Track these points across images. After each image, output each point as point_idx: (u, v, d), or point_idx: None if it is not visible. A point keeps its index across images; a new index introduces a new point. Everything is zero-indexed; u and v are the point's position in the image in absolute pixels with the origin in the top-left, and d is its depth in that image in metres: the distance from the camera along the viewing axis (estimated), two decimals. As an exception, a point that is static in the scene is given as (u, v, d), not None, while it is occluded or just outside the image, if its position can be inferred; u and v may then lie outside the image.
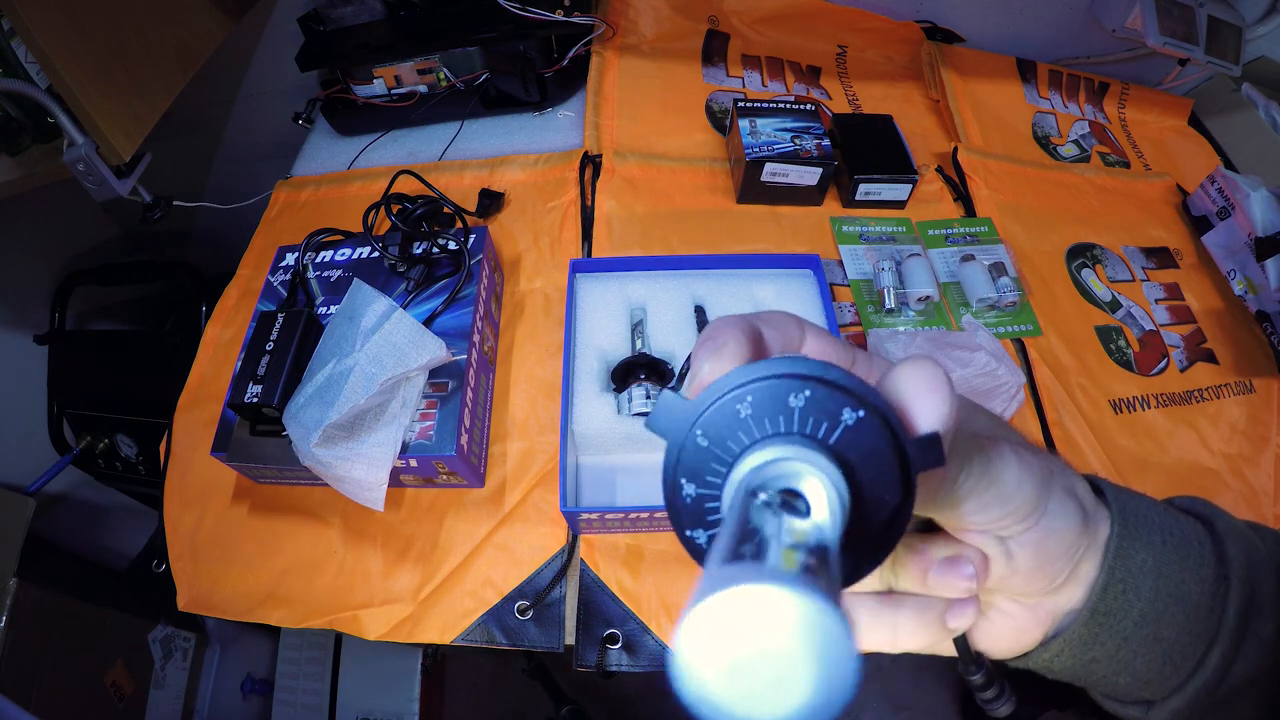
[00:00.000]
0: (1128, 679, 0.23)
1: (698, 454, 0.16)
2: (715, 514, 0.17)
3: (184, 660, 1.04)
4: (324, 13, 0.77)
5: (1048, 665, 0.24)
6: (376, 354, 0.48)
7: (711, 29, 0.90)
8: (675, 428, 0.16)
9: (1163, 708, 0.24)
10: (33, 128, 0.69)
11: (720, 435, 0.16)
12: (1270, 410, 0.68)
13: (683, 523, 0.17)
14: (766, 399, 0.15)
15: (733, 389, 0.16)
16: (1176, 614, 0.22)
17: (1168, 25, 0.80)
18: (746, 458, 0.15)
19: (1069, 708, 1.11)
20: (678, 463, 0.16)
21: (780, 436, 0.16)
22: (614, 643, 0.50)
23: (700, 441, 0.16)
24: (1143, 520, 0.23)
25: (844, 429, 0.15)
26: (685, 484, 0.16)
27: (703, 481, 0.16)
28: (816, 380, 0.15)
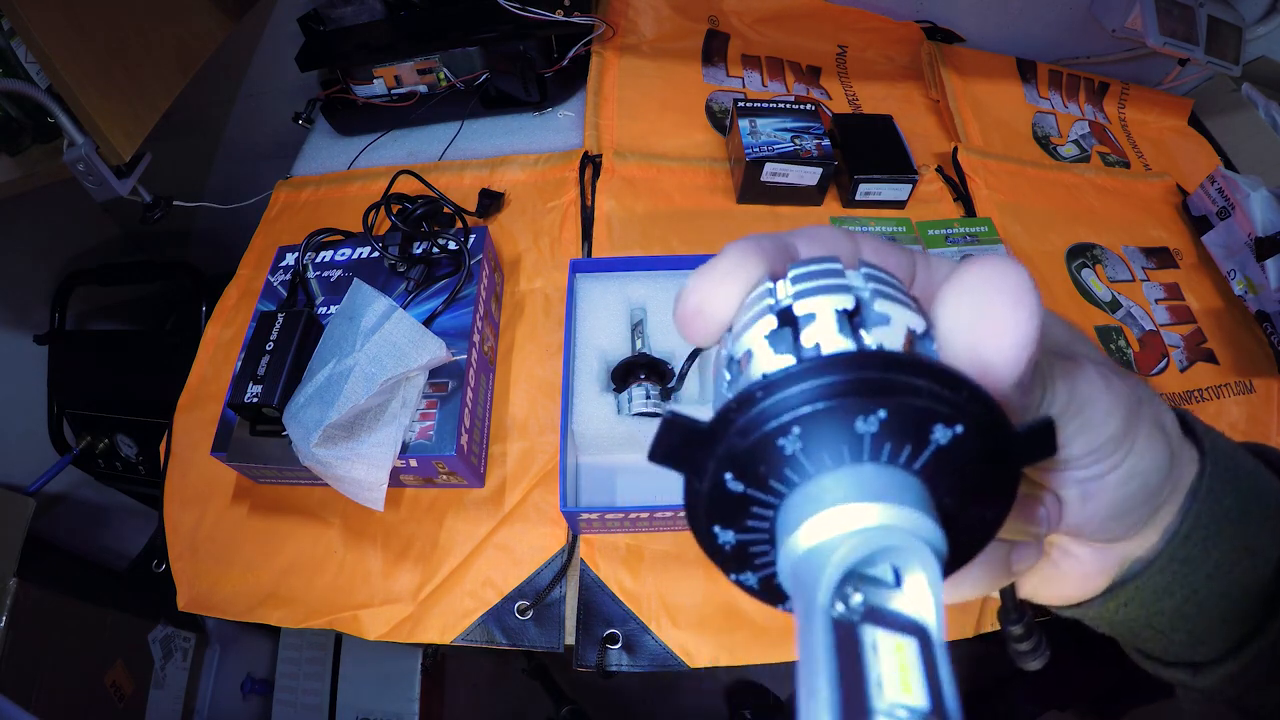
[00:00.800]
0: (1183, 635, 0.21)
1: (729, 501, 0.12)
2: (765, 557, 0.13)
3: (184, 660, 1.04)
4: (324, 13, 0.77)
5: (1109, 617, 0.22)
6: (376, 354, 0.48)
7: (711, 29, 0.90)
8: (691, 464, 0.12)
9: (1213, 671, 0.21)
10: (33, 128, 0.69)
11: (759, 475, 0.11)
12: (1270, 410, 0.68)
13: (727, 567, 0.14)
14: (822, 428, 0.11)
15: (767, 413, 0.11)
16: (1248, 570, 0.20)
17: (1168, 25, 0.80)
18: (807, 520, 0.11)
19: (1069, 708, 1.11)
20: (706, 509, 0.12)
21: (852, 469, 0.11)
22: (614, 643, 0.50)
23: (733, 486, 0.12)
24: (1231, 463, 0.20)
25: (935, 450, 0.11)
26: (720, 531, 0.13)
27: (743, 527, 0.12)
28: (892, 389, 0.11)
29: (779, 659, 0.49)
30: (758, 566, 0.13)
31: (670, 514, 0.48)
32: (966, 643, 0.52)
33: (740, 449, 0.11)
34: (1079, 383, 0.16)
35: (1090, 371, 0.17)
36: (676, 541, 0.53)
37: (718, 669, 0.49)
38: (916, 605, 0.11)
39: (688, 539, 0.53)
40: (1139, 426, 0.17)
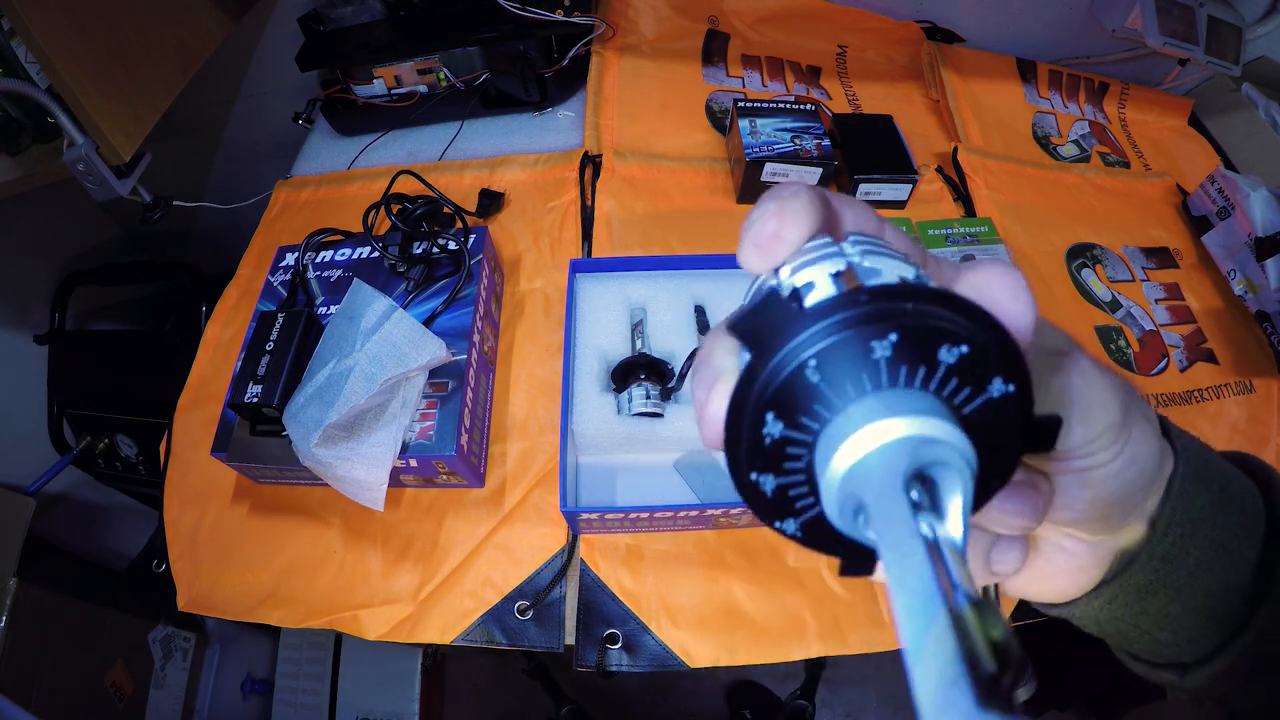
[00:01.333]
0: (1168, 634, 0.22)
1: (801, 389, 0.12)
2: (796, 461, 0.13)
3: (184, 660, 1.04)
4: (324, 13, 0.77)
5: (1095, 615, 0.22)
6: (376, 354, 0.48)
7: (711, 29, 0.90)
8: (773, 343, 0.12)
9: (1200, 672, 0.22)
10: (33, 128, 0.69)
11: (839, 376, 0.12)
12: (1270, 410, 0.68)
13: (751, 463, 0.13)
14: (913, 342, 0.11)
15: (869, 313, 0.11)
16: (1227, 568, 0.21)
17: (1168, 25, 0.80)
18: (881, 421, 0.11)
19: (1069, 708, 1.11)
20: (770, 392, 0.12)
21: (917, 399, 0.12)
22: (614, 643, 0.50)
23: (810, 375, 0.12)
24: (1205, 464, 0.21)
25: (986, 402, 0.12)
26: (771, 420, 0.12)
27: (795, 422, 0.12)
28: (980, 328, 0.11)
29: (779, 659, 0.49)
30: (797, 511, 0.14)
31: (670, 514, 0.48)
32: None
33: (834, 324, 0.11)
34: (1073, 376, 0.17)
35: (1085, 364, 0.17)
36: (676, 541, 0.53)
37: (718, 669, 0.49)
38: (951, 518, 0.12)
39: (688, 539, 0.53)
40: (1134, 416, 0.18)
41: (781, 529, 0.14)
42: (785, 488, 0.13)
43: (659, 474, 0.55)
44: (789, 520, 0.14)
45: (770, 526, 0.14)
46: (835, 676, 1.25)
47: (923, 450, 0.11)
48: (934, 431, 0.11)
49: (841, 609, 0.51)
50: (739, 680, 1.23)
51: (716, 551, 0.53)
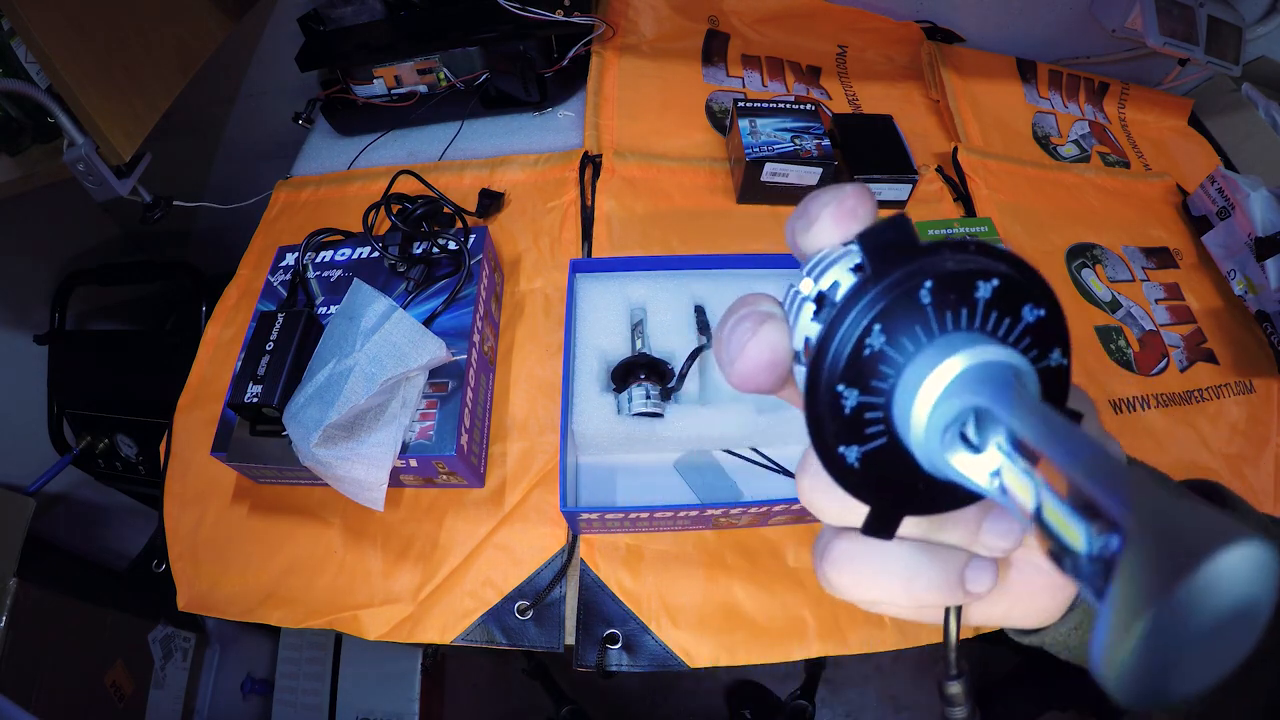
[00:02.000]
0: None
1: (910, 306, 0.13)
2: (875, 425, 0.14)
3: (184, 660, 1.04)
4: (324, 13, 0.77)
5: (1065, 640, 0.22)
6: (376, 354, 0.48)
7: (711, 29, 0.90)
8: (893, 261, 0.13)
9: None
10: (33, 128, 0.69)
11: (947, 302, 0.13)
12: (1270, 410, 0.68)
13: (842, 373, 0.13)
14: (1011, 291, 0.13)
15: (984, 260, 0.13)
16: None
17: (1168, 25, 0.80)
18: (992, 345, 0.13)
19: (1069, 708, 1.11)
20: (884, 305, 0.13)
21: (972, 335, 0.13)
22: (614, 643, 0.50)
23: (923, 296, 0.13)
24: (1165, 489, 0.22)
25: (1024, 327, 0.13)
26: (878, 332, 0.13)
27: (897, 342, 0.13)
28: (1052, 303, 0.13)
29: (779, 659, 0.49)
30: (865, 438, 0.14)
31: (670, 514, 0.48)
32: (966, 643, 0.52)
33: (950, 267, 0.13)
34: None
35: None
36: (676, 541, 0.53)
37: (718, 669, 0.49)
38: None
39: (688, 539, 0.53)
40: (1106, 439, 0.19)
41: (843, 455, 0.14)
42: (863, 408, 0.14)
43: (659, 474, 0.55)
44: (854, 447, 0.14)
45: (830, 454, 0.14)
46: (835, 676, 1.25)
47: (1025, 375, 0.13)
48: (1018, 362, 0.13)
49: (841, 609, 0.51)
50: (739, 680, 1.23)
51: (716, 551, 0.53)
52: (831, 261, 0.16)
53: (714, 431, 0.54)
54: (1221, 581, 0.09)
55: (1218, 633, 0.09)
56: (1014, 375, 0.13)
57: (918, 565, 0.18)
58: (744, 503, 0.49)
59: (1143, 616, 0.09)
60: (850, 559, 0.18)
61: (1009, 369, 0.13)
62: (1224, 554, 0.09)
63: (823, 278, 0.15)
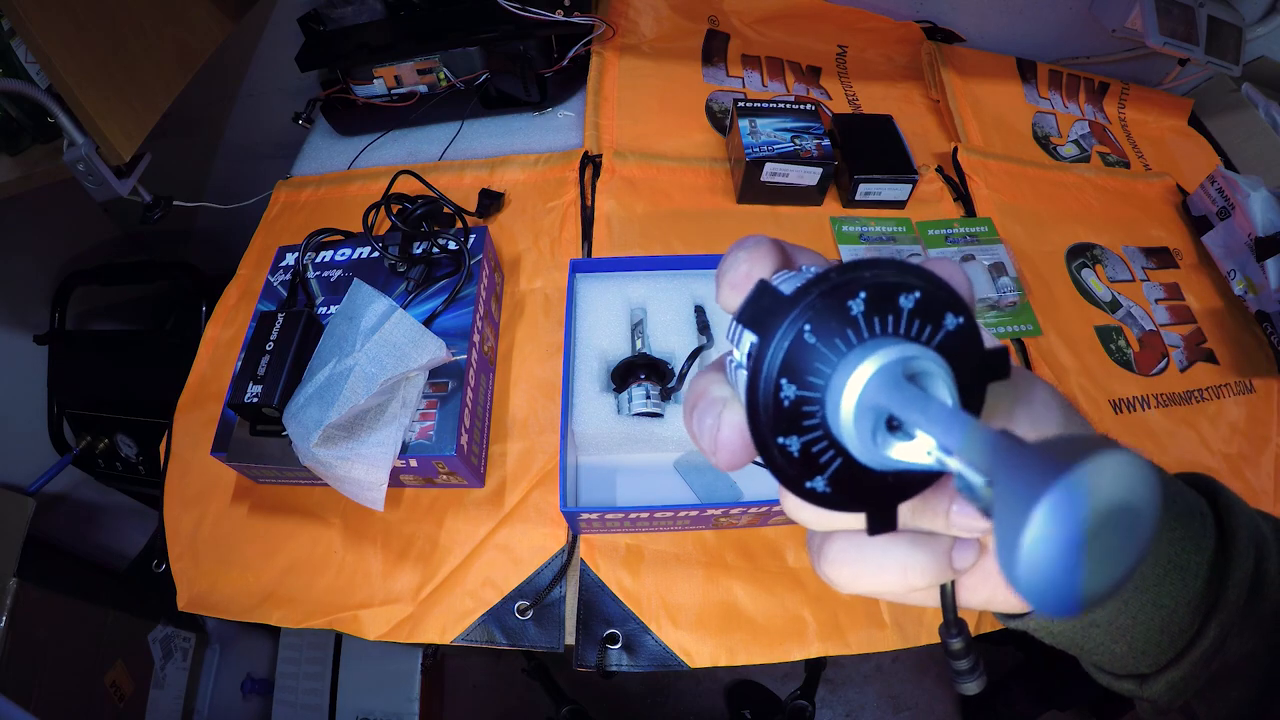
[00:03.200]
0: (1124, 648, 0.23)
1: (802, 351, 0.14)
2: (812, 419, 0.15)
3: (184, 660, 1.04)
4: (324, 13, 0.77)
5: (1047, 625, 0.23)
6: (376, 354, 0.48)
7: (711, 29, 0.90)
8: (771, 319, 0.15)
9: (1157, 680, 0.23)
10: (33, 128, 0.69)
11: (829, 333, 0.14)
12: (1270, 410, 0.68)
13: (776, 428, 0.15)
14: (878, 297, 0.14)
15: (839, 283, 0.14)
16: (1176, 582, 0.22)
17: (1168, 25, 0.80)
18: (870, 355, 0.14)
19: (1069, 708, 1.11)
20: (779, 360, 0.14)
21: (893, 339, 0.15)
22: (614, 643, 0.50)
23: (807, 337, 0.14)
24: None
25: (945, 334, 0.15)
26: (785, 385, 0.15)
27: (804, 382, 0.15)
28: (925, 280, 0.15)
29: (779, 659, 0.49)
30: (803, 430, 0.15)
31: (670, 514, 0.48)
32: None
33: (814, 301, 0.14)
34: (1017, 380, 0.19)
35: (1024, 370, 0.20)
36: (676, 541, 0.53)
37: (718, 669, 0.49)
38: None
39: (688, 539, 0.53)
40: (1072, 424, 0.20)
41: (812, 488, 0.16)
42: (809, 445, 0.15)
43: (659, 474, 0.55)
44: (818, 478, 0.16)
45: (802, 490, 0.16)
46: (835, 676, 1.25)
47: (910, 364, 0.15)
48: (913, 351, 0.14)
49: (841, 609, 0.51)
50: (739, 680, 1.23)
51: (716, 551, 0.53)
52: (740, 329, 0.18)
53: (714, 431, 0.53)
54: (1079, 492, 0.10)
55: (1098, 536, 0.10)
56: (899, 374, 0.14)
57: (911, 555, 0.20)
58: (744, 503, 0.49)
59: (1024, 522, 0.10)
60: (848, 557, 0.20)
61: (896, 369, 0.14)
62: (1081, 465, 0.10)
63: (740, 343, 0.18)
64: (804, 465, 0.15)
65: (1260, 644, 0.22)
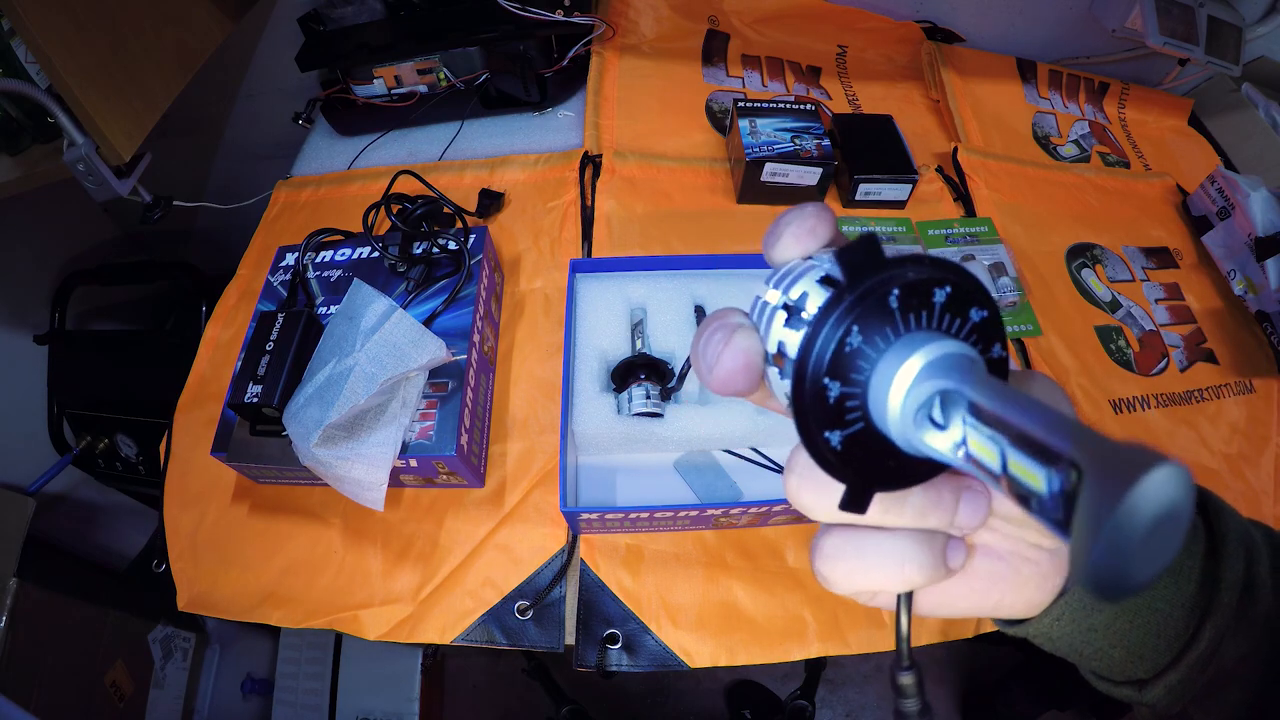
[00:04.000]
0: (1121, 652, 0.23)
1: (880, 311, 0.15)
2: (854, 413, 0.16)
3: (184, 660, 1.04)
4: (324, 13, 0.77)
5: (1047, 632, 0.24)
6: (376, 354, 0.48)
7: (711, 29, 0.90)
8: (864, 273, 0.15)
9: (1156, 685, 0.24)
10: (33, 128, 0.69)
11: (911, 306, 0.15)
12: (1270, 410, 0.68)
13: (826, 367, 0.15)
14: (962, 296, 0.16)
15: (939, 273, 0.15)
16: (1169, 585, 0.22)
17: (1168, 25, 0.80)
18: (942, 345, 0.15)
19: (1069, 708, 1.11)
20: (859, 307, 0.15)
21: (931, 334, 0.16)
22: (614, 643, 0.50)
23: (892, 301, 0.15)
24: None
25: (971, 326, 0.16)
26: (856, 333, 0.15)
27: (872, 340, 0.15)
28: (994, 306, 0.16)
29: (779, 659, 0.49)
30: (846, 424, 0.16)
31: (670, 514, 0.48)
32: (966, 643, 0.52)
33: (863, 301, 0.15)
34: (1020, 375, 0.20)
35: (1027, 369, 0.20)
36: (676, 541, 0.53)
37: (718, 669, 0.49)
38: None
39: (688, 539, 0.53)
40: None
41: (828, 439, 0.16)
42: (844, 398, 0.16)
43: (659, 474, 0.55)
44: (836, 432, 0.16)
45: (815, 439, 0.16)
46: (835, 676, 1.25)
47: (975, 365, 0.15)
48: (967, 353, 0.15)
49: (841, 609, 0.51)
50: (739, 680, 1.23)
51: (716, 551, 0.53)
52: (798, 275, 0.18)
53: (714, 431, 0.54)
54: (1151, 492, 0.11)
55: (1155, 531, 0.12)
56: (970, 362, 0.15)
57: (906, 551, 0.20)
58: (744, 503, 0.49)
59: (1103, 524, 0.11)
60: (845, 552, 0.20)
61: (966, 358, 0.15)
62: (1153, 471, 0.11)
63: (792, 289, 0.18)
64: (833, 415, 0.16)
65: (1254, 647, 0.23)
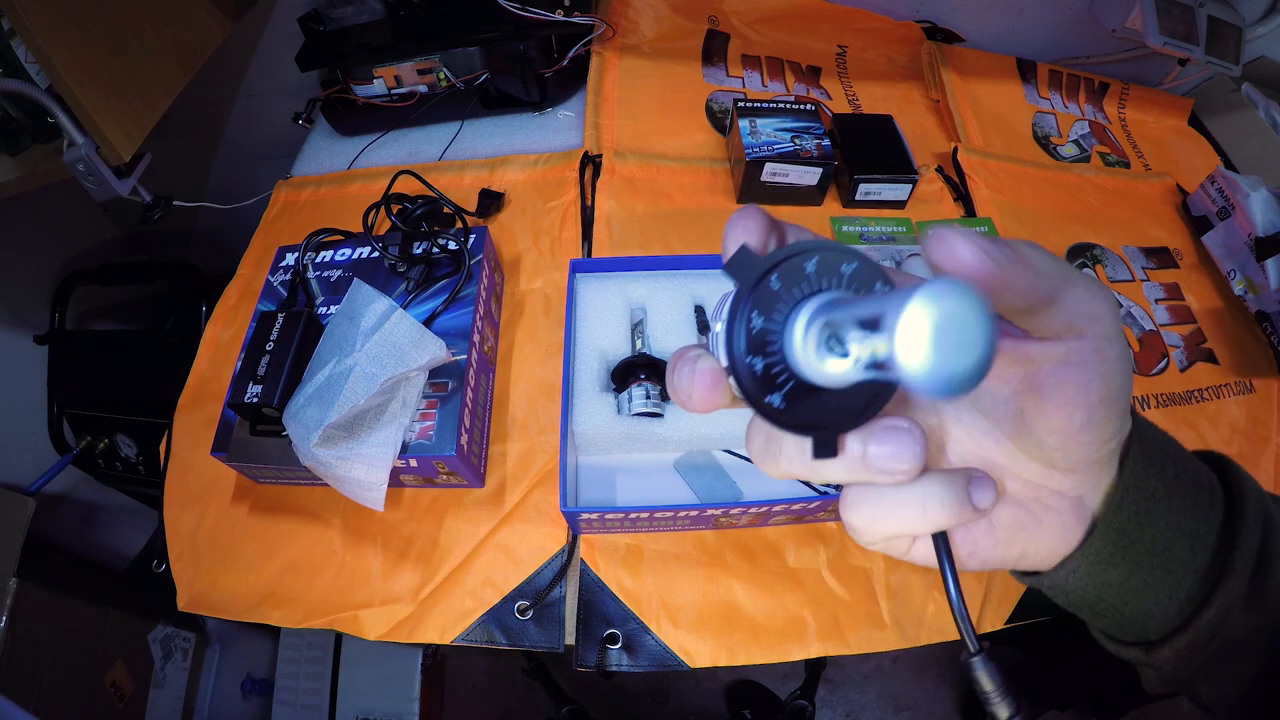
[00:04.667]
0: (1133, 611, 0.24)
1: (769, 295, 0.19)
2: (774, 346, 0.19)
3: (184, 660, 1.04)
4: (324, 13, 0.77)
5: (1062, 584, 0.24)
6: (376, 354, 0.48)
7: (711, 29, 0.90)
8: (749, 272, 0.19)
9: (1164, 648, 0.24)
10: (33, 128, 0.69)
11: (789, 282, 0.19)
12: (1270, 410, 0.68)
13: (747, 349, 0.19)
14: (828, 261, 0.19)
15: (798, 251, 0.19)
16: (1184, 549, 0.22)
17: (1168, 25, 0.80)
18: (817, 298, 0.19)
19: (1069, 708, 1.11)
20: (751, 298, 0.19)
21: (837, 292, 0.19)
22: (614, 643, 0.50)
23: (774, 285, 0.19)
24: (1159, 449, 0.23)
25: (846, 278, 0.19)
26: (755, 316, 0.19)
27: (769, 317, 0.19)
28: (861, 258, 0.19)
29: (779, 659, 0.49)
30: (767, 354, 0.19)
31: (670, 514, 0.48)
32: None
33: (784, 261, 0.19)
34: (1079, 287, 0.20)
35: (1092, 279, 0.21)
36: (676, 541, 0.53)
37: (718, 669, 0.49)
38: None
39: (688, 539, 0.53)
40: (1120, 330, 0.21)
41: (770, 402, 0.19)
42: (769, 366, 0.19)
43: (659, 474, 0.55)
44: (775, 394, 0.19)
45: (762, 405, 0.19)
46: (835, 676, 1.25)
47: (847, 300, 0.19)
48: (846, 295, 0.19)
49: (841, 609, 0.51)
50: (739, 680, 1.23)
51: (716, 551, 0.53)
52: (722, 303, 0.22)
53: (714, 431, 0.54)
54: (919, 307, 0.14)
55: (952, 327, 0.15)
56: (834, 300, 0.18)
57: (928, 489, 0.21)
58: (744, 503, 0.49)
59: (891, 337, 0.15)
60: (867, 497, 0.21)
61: (832, 298, 0.18)
62: (919, 292, 0.14)
63: (721, 313, 0.21)
64: (766, 382, 0.19)
65: (1265, 621, 0.23)
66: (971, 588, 0.53)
